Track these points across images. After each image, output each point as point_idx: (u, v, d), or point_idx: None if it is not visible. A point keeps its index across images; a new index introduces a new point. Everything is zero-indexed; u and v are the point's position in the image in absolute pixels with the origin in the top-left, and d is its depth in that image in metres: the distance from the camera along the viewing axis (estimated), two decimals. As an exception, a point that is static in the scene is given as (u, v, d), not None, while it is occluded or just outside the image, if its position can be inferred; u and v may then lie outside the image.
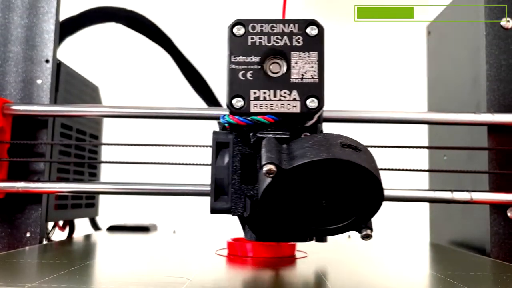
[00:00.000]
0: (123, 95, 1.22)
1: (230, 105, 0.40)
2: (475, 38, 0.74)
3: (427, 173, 0.88)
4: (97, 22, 0.90)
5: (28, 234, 0.71)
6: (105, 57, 1.25)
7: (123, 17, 0.89)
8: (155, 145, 0.71)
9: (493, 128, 0.70)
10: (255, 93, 0.40)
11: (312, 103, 0.40)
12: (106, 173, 0.99)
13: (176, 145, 0.70)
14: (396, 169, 0.66)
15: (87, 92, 0.90)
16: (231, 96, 0.40)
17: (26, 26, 0.74)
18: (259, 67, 0.41)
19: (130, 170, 0.84)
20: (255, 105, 0.40)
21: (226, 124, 0.42)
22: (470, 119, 0.69)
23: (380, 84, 1.24)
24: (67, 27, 0.85)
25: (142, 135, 1.10)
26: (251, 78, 0.40)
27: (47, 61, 0.74)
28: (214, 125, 0.96)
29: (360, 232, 0.38)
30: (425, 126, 0.93)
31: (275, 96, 0.40)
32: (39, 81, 0.73)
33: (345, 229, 0.39)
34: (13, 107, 0.70)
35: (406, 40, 1.22)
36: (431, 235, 0.92)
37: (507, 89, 0.71)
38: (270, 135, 0.40)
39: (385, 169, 0.62)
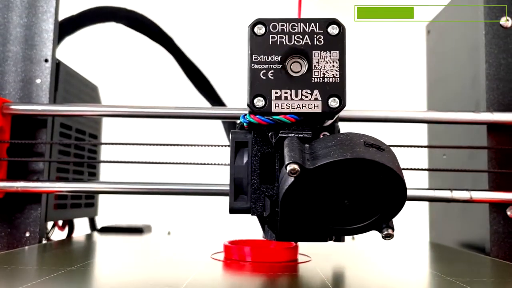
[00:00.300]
0: (123, 95, 1.21)
1: (251, 105, 0.40)
2: (474, 37, 0.75)
3: (426, 172, 0.88)
4: (97, 22, 0.90)
5: (27, 234, 0.71)
6: (104, 57, 1.25)
7: (123, 17, 0.89)
8: (155, 144, 0.71)
9: (492, 127, 0.71)
10: (276, 92, 0.40)
11: (333, 102, 0.40)
12: (106, 172, 0.98)
13: (175, 145, 0.70)
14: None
15: (87, 91, 0.89)
16: (253, 96, 0.40)
17: (25, 25, 0.74)
18: (280, 66, 0.40)
19: (130, 170, 0.83)
20: (277, 105, 0.40)
21: (245, 124, 0.42)
22: (469, 118, 0.70)
23: (380, 83, 1.25)
24: (67, 27, 0.84)
25: (142, 135, 1.10)
26: (272, 78, 0.40)
27: (46, 60, 0.73)
28: (214, 125, 0.97)
29: (381, 231, 0.38)
30: (425, 125, 0.94)
31: (296, 96, 0.40)
32: (38, 81, 0.73)
33: (366, 228, 0.39)
34: (12, 107, 0.70)
35: (405, 39, 1.22)
36: (431, 234, 0.92)
37: (506, 88, 0.72)
38: (292, 135, 0.40)
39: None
